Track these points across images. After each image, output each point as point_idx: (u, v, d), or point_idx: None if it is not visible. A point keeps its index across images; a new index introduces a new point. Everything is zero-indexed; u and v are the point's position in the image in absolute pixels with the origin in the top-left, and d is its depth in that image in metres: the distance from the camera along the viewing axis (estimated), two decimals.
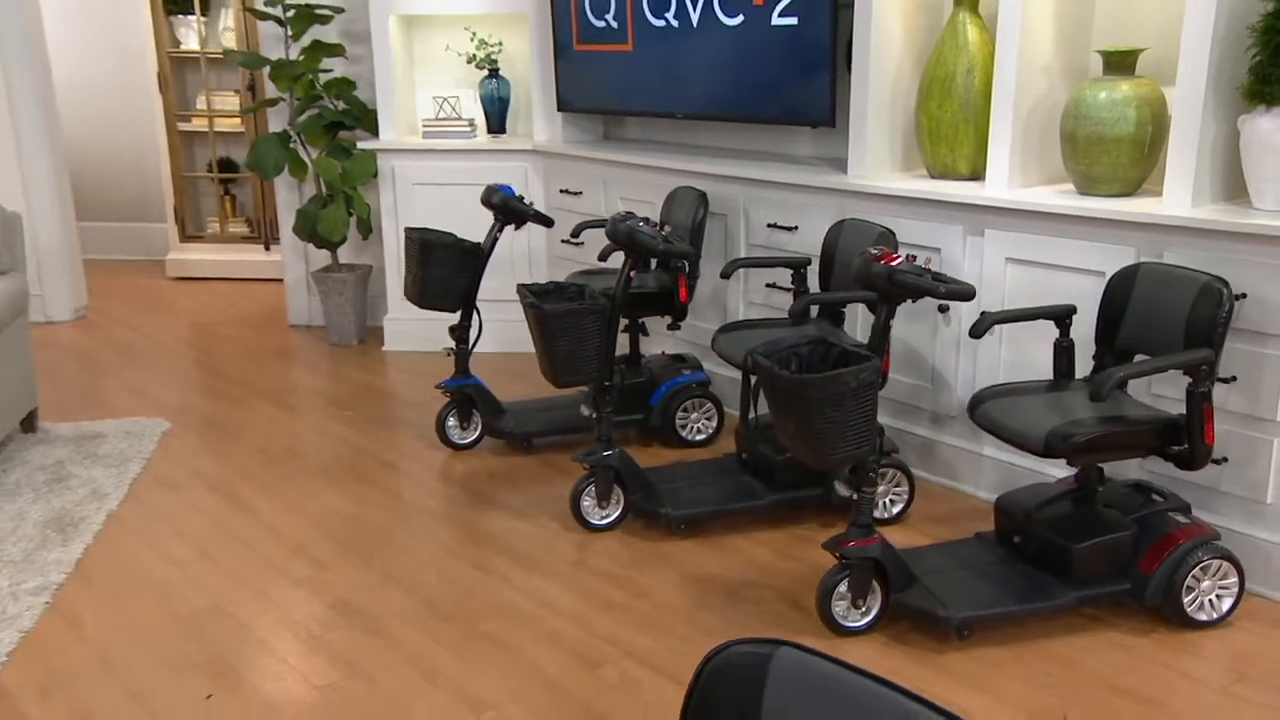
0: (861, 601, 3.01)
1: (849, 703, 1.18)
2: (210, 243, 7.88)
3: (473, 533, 3.80)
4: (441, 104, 5.85)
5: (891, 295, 2.89)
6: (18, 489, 4.09)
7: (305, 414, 5.02)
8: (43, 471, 4.25)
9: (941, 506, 3.86)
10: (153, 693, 2.91)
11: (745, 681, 1.25)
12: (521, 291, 3.70)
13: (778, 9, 4.38)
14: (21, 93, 6.21)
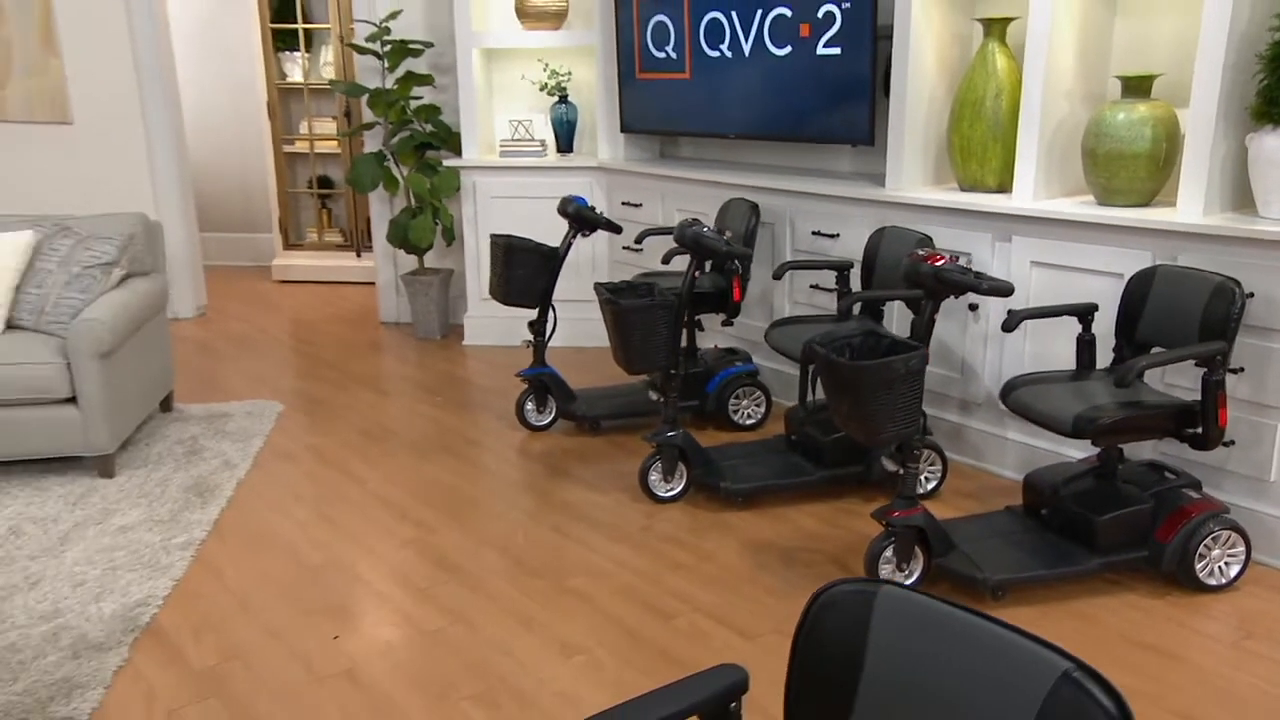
0: (905, 565, 3.01)
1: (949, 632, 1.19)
2: (309, 250, 7.95)
3: (552, 502, 3.82)
4: (517, 126, 5.87)
5: (937, 292, 2.88)
6: (161, 460, 4.15)
7: (398, 398, 5.06)
8: (180, 445, 4.31)
9: (970, 484, 3.84)
10: (287, 632, 2.96)
11: (852, 614, 1.26)
12: (599, 290, 3.71)
13: (822, 40, 4.37)
14: (155, 121, 6.29)
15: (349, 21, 7.32)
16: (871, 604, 1.25)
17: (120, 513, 3.66)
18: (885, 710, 1.22)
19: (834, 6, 4.29)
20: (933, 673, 1.19)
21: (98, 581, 3.17)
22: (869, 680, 1.23)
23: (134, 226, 4.36)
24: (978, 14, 4.04)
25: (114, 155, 6.34)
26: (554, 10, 5.66)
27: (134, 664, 2.79)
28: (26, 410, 3.84)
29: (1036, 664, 1.10)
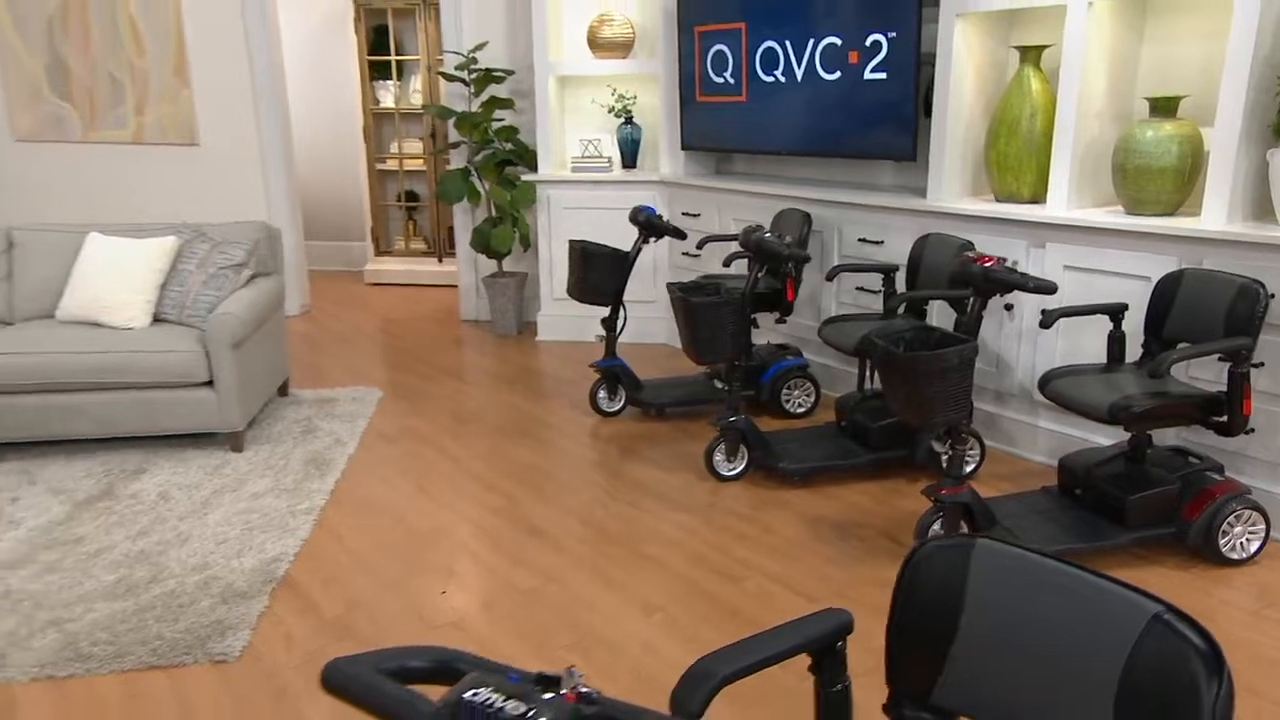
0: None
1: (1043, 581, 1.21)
2: (397, 256, 8.04)
3: (624, 479, 3.85)
4: (587, 145, 5.91)
5: (986, 290, 2.89)
6: (281, 437, 4.23)
7: (481, 387, 5.11)
8: (297, 425, 4.39)
9: (1005, 468, 3.83)
10: (401, 586, 3.02)
11: (950, 567, 1.28)
12: (671, 288, 3.74)
13: (870, 66, 4.38)
14: (270, 142, 6.41)
15: (436, 53, 7.41)
16: (969, 556, 1.27)
17: (251, 482, 3.74)
18: (981, 654, 1.24)
19: (881, 36, 4.30)
20: (1027, 619, 1.20)
21: (238, 540, 3.25)
22: (966, 626, 1.25)
23: (259, 233, 4.46)
24: (1014, 42, 4.03)
25: (234, 172, 6.46)
26: (622, 41, 5.70)
27: (273, 610, 2.87)
28: (170, 392, 3.94)
29: (1128, 608, 1.12)
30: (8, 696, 2.48)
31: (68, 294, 4.17)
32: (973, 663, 1.24)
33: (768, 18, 4.85)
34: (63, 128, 6.43)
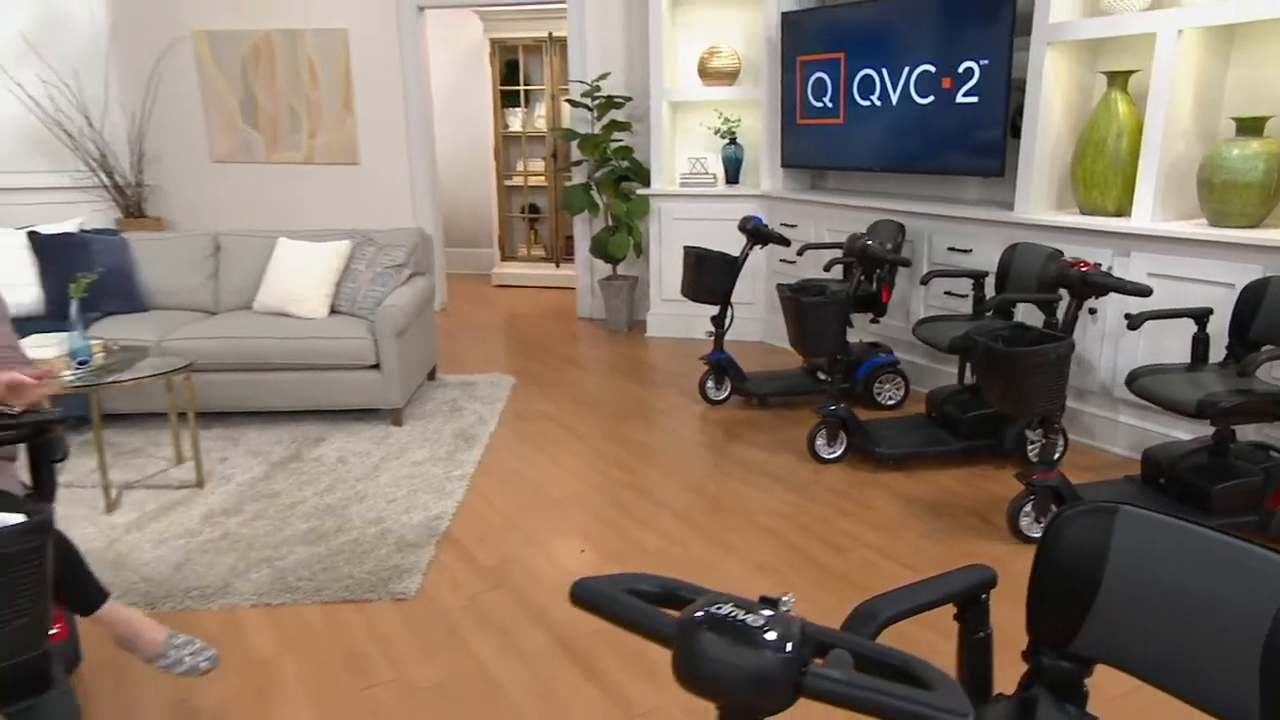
0: (1042, 519, 2.96)
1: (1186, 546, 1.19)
2: (520, 261, 8.19)
3: (733, 458, 3.87)
4: (694, 163, 5.94)
5: (1083, 292, 2.83)
6: (433, 415, 4.36)
7: (599, 375, 5.17)
8: (445, 405, 4.52)
9: (1085, 459, 3.74)
10: (544, 544, 3.09)
11: (1094, 529, 1.27)
12: (781, 289, 3.74)
13: (962, 90, 4.32)
14: (417, 162, 6.60)
15: (558, 83, 7.52)
16: (1113, 521, 1.26)
17: (411, 451, 3.87)
18: (1124, 610, 1.23)
19: (974, 64, 4.23)
20: (1171, 579, 1.19)
21: (405, 499, 3.37)
22: (1109, 584, 1.25)
23: (416, 238, 4.60)
24: (1101, 68, 3.92)
25: (387, 187, 6.68)
26: (729, 70, 5.72)
27: (440, 560, 2.97)
28: (344, 373, 4.10)
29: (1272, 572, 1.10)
30: (234, 619, 2.63)
31: (262, 289, 4.37)
32: (1115, 617, 1.24)
33: (866, 49, 4.82)
34: (250, 151, 6.74)
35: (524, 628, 2.59)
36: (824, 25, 5.06)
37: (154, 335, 4.04)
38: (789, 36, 5.27)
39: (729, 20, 5.79)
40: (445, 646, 2.50)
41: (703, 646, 0.82)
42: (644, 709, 2.23)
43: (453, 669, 2.40)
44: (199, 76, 6.70)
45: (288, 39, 6.50)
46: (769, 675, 0.79)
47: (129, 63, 6.74)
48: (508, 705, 2.25)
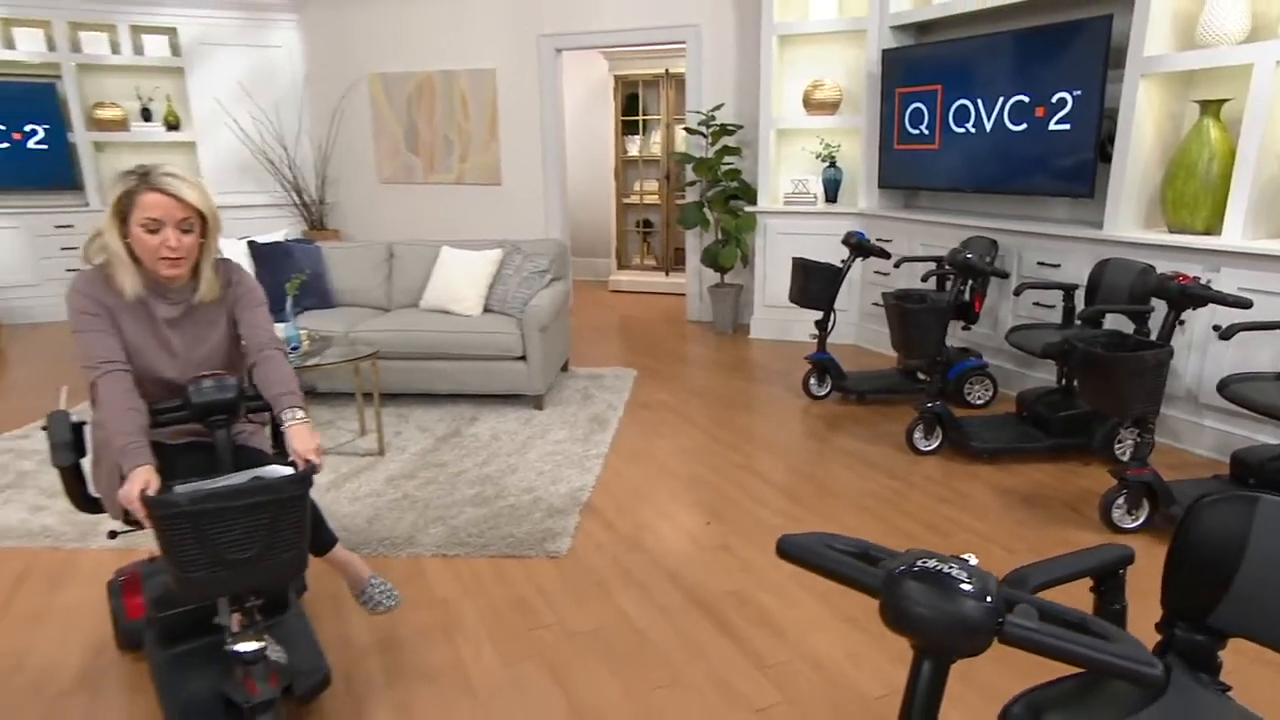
0: (1135, 511, 2.86)
1: None
2: (634, 270, 8.26)
3: (836, 447, 3.84)
4: (797, 184, 5.90)
5: (1181, 304, 2.72)
6: (569, 401, 4.46)
7: (709, 371, 5.17)
8: (578, 393, 4.61)
9: (1171, 459, 3.57)
10: (673, 517, 3.13)
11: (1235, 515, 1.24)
12: (886, 297, 3.70)
13: (1054, 118, 4.18)
14: (550, 182, 6.76)
15: (672, 113, 7.58)
16: (1254, 509, 1.23)
17: (552, 432, 3.97)
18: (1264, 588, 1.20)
19: (1067, 94, 4.09)
20: None
21: (551, 472, 3.47)
22: (1248, 566, 1.21)
23: (557, 248, 4.72)
24: (1194, 97, 3.74)
25: (524, 204, 6.85)
26: (831, 101, 5.66)
27: (584, 525, 3.05)
28: (495, 363, 4.24)
29: None
30: (418, 566, 2.77)
31: (428, 289, 4.56)
32: (1254, 594, 1.21)
33: (962, 81, 4.71)
34: (411, 173, 7.02)
35: (661, 586, 2.64)
36: (922, 61, 4.97)
37: (341, 327, 4.26)
38: (889, 71, 5.19)
39: (831, 57, 5.73)
40: (595, 598, 2.57)
41: (913, 595, 0.84)
42: (774, 661, 2.26)
43: (604, 617, 2.47)
44: (372, 111, 7.01)
45: (445, 78, 6.74)
46: (973, 622, 0.82)
47: (318, 102, 7.12)
48: (654, 650, 2.31)
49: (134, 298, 1.95)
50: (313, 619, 2.41)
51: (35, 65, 6.51)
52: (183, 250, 1.92)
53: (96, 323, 1.92)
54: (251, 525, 1.70)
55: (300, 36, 7.09)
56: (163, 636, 2.20)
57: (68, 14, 6.44)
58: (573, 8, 6.40)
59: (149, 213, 1.87)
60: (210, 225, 1.97)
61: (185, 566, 1.69)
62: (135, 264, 1.94)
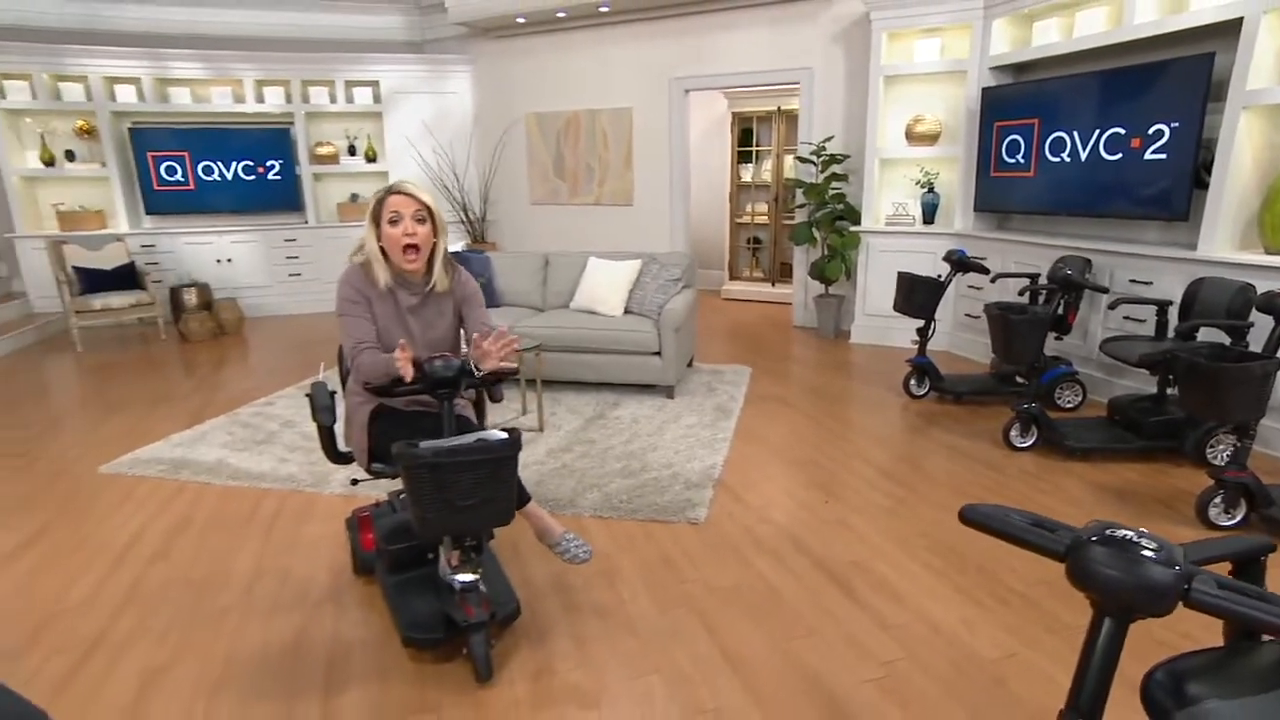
0: (1232, 511, 2.67)
1: None
2: (743, 281, 8.22)
3: (936, 441, 3.73)
4: (897, 207, 5.76)
5: None
6: (695, 392, 4.49)
7: (816, 370, 5.09)
8: (703, 386, 4.64)
9: (1264, 464, 3.31)
10: (794, 494, 3.13)
11: None
12: (989, 307, 3.57)
13: (1151, 148, 3.93)
14: (676, 204, 6.81)
15: (782, 145, 7.50)
16: None
17: (684, 418, 4.03)
18: None
19: (1164, 126, 3.84)
20: None
21: (686, 452, 3.53)
22: None
23: (688, 260, 4.78)
24: None
25: (653, 222, 6.94)
26: (931, 134, 5.49)
27: (718, 498, 3.09)
28: (634, 357, 4.33)
29: None
30: (580, 524, 2.88)
31: (577, 293, 4.70)
32: None
33: (1060, 115, 4.48)
34: (557, 195, 7.23)
35: (789, 553, 2.66)
36: (1021, 97, 4.76)
37: (507, 324, 4.43)
38: (988, 106, 5.00)
39: (932, 94, 5.55)
40: (732, 560, 2.61)
41: (1101, 559, 0.85)
42: (895, 623, 2.24)
43: (741, 577, 2.51)
44: (527, 144, 7.27)
45: (590, 115, 6.91)
46: (1162, 586, 0.81)
47: (484, 137, 7.44)
48: (787, 607, 2.33)
49: (384, 287, 2.13)
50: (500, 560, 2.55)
51: (277, 115, 7.09)
52: (419, 238, 2.10)
53: (357, 309, 2.11)
54: (477, 478, 1.83)
55: (471, 85, 7.43)
56: (391, 565, 2.38)
57: (300, 74, 6.99)
58: (701, 54, 6.45)
59: (393, 208, 2.08)
60: (438, 223, 2.14)
61: (425, 508, 1.84)
62: (386, 260, 2.12)
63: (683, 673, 2.04)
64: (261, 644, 2.22)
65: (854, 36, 5.89)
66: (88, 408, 4.50)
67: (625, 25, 6.68)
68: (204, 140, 6.92)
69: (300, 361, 5.50)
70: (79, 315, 5.87)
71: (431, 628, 2.11)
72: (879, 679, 2.00)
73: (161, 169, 6.88)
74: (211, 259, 6.99)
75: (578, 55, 6.91)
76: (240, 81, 6.97)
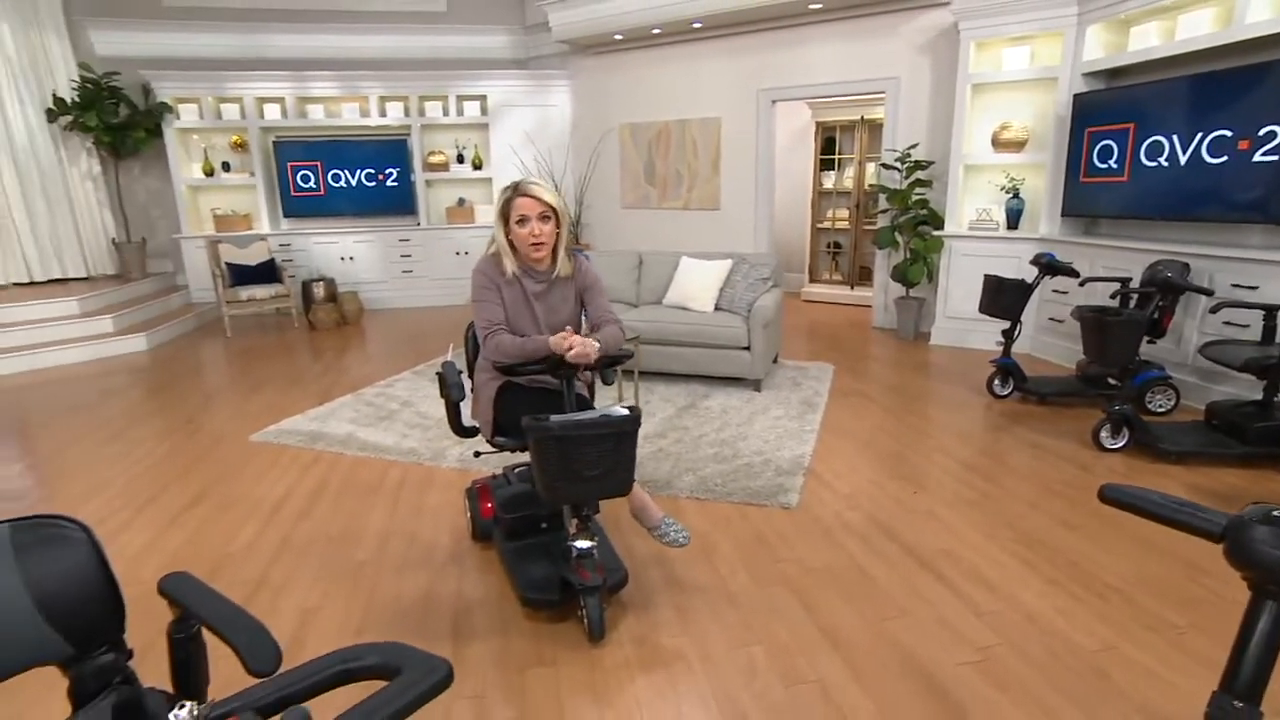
0: None
1: None
2: (823, 284, 8.05)
3: (1020, 440, 3.57)
4: (980, 212, 5.53)
5: None
6: (781, 386, 4.45)
7: (898, 369, 4.95)
8: (788, 380, 4.59)
9: None
10: (882, 485, 3.05)
11: None
12: (1083, 309, 3.39)
13: (1260, 151, 3.64)
14: (760, 208, 6.75)
15: (865, 153, 7.32)
16: None
17: (771, 410, 4.00)
18: None
19: (1276, 127, 3.55)
20: None
21: (774, 441, 3.50)
22: None
23: (773, 260, 4.73)
24: None
25: (737, 226, 6.90)
26: (1018, 140, 5.25)
27: (808, 485, 3.06)
28: (724, 351, 4.32)
29: None
30: (677, 504, 2.91)
31: (670, 290, 4.73)
32: None
33: (1157, 119, 4.21)
34: (646, 200, 7.29)
35: (880, 539, 2.61)
36: (1115, 102, 4.49)
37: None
38: (1080, 113, 4.74)
39: (1019, 101, 5.31)
40: (824, 543, 2.58)
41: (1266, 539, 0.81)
42: (988, 610, 2.17)
43: (833, 559, 2.48)
44: (620, 153, 7.36)
45: (680, 125, 6.93)
46: None
47: (580, 146, 7.58)
48: (879, 589, 2.29)
49: (512, 276, 2.21)
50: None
51: (396, 127, 7.45)
52: (544, 236, 2.16)
53: (489, 294, 2.21)
54: (600, 451, 1.88)
55: (570, 97, 7.57)
56: (508, 532, 2.47)
57: (418, 90, 7.33)
58: (789, 66, 6.37)
59: (520, 211, 2.14)
60: (561, 217, 2.20)
61: (553, 477, 1.90)
62: (513, 251, 2.20)
63: (783, 645, 2.04)
64: (395, 595, 2.35)
65: (940, 46, 5.69)
66: (236, 385, 4.84)
67: (716, 40, 6.67)
68: (334, 151, 7.32)
69: (413, 350, 5.74)
70: (229, 305, 6.32)
71: (548, 590, 2.18)
72: (976, 662, 1.94)
73: (298, 177, 7.32)
74: (337, 256, 7.39)
75: (670, 69, 6.95)
76: (366, 98, 7.34)
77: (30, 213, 6.58)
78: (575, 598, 2.13)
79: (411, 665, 0.73)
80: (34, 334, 5.51)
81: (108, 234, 7.15)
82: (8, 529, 1.14)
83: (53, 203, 6.71)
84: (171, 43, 7.16)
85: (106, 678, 1.24)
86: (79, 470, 3.39)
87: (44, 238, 6.69)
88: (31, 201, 6.59)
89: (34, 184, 6.59)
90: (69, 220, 6.82)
